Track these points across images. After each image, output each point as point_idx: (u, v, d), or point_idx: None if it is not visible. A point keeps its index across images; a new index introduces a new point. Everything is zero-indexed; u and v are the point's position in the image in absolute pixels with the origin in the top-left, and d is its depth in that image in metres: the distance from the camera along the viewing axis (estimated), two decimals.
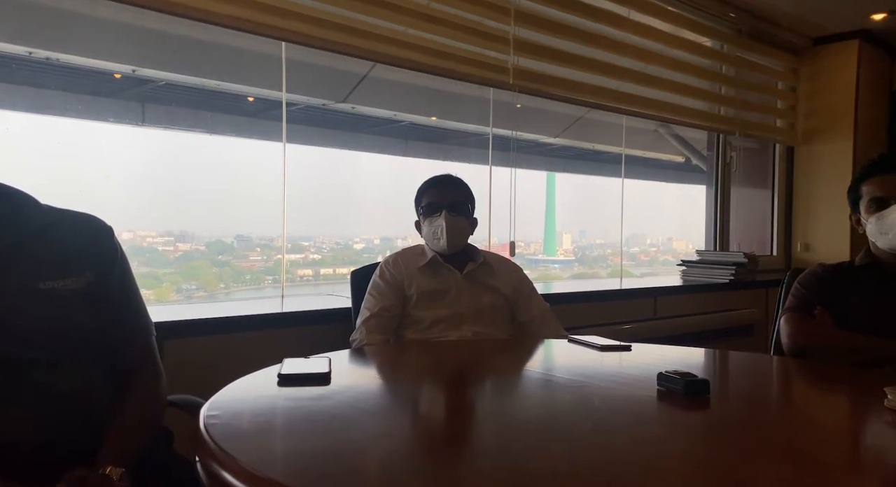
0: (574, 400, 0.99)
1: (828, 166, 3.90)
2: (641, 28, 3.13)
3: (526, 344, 1.66)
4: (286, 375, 1.04)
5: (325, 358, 1.16)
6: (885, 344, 1.50)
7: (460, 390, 1.16)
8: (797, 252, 4.08)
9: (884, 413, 0.89)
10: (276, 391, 0.99)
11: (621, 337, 2.69)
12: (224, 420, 0.82)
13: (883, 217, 1.59)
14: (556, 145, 5.11)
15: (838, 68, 3.87)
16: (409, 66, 2.41)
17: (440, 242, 1.74)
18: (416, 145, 4.71)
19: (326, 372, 1.07)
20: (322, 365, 1.10)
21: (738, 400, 1.01)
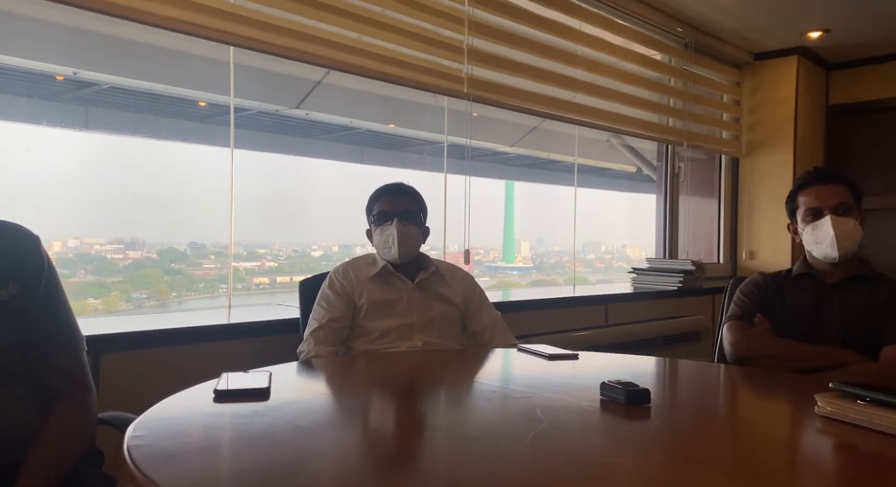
0: (517, 412, 0.99)
1: (770, 177, 4.06)
2: (593, 40, 3.19)
3: (475, 354, 1.65)
4: (223, 391, 1.00)
5: (265, 371, 1.13)
6: (819, 350, 1.56)
7: (404, 404, 1.14)
8: (742, 259, 4.22)
9: (815, 420, 0.92)
10: (211, 408, 0.96)
11: (574, 345, 2.73)
12: (149, 440, 0.78)
13: (817, 227, 1.66)
14: (513, 154, 5.17)
15: (778, 83, 4.04)
16: (363, 73, 2.39)
17: (391, 251, 1.72)
18: (373, 152, 4.68)
19: (265, 386, 1.04)
20: (262, 379, 1.07)
21: (677, 408, 1.03)
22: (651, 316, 3.24)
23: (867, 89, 4.22)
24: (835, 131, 4.37)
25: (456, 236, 2.84)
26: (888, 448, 0.82)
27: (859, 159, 4.29)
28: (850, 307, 1.62)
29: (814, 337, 1.62)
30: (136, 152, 3.33)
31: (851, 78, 4.28)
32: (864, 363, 1.51)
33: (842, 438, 0.87)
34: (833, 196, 1.67)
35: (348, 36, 2.29)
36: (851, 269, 1.67)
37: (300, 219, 4.15)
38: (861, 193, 1.72)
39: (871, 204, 4.66)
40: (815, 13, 3.43)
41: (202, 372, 1.19)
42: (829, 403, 0.92)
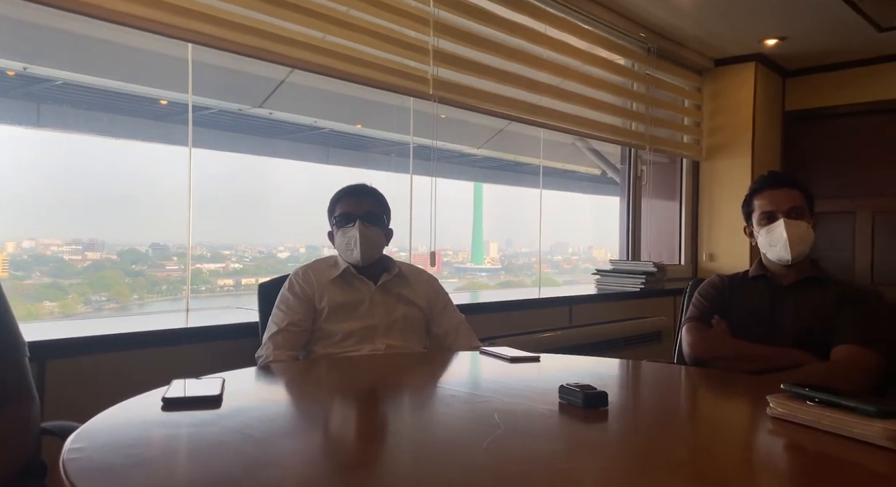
0: (475, 417, 0.98)
1: (729, 180, 4.15)
2: (558, 44, 3.22)
3: (438, 357, 1.64)
4: (171, 399, 0.97)
5: (218, 378, 1.10)
6: (774, 351, 1.60)
7: (362, 410, 1.12)
8: (703, 261, 4.31)
9: (767, 422, 0.94)
10: (158, 417, 0.92)
11: (539, 346, 2.75)
12: (88, 453, 0.75)
13: (771, 230, 1.70)
14: (480, 156, 5.19)
15: (737, 88, 4.15)
16: (328, 73, 2.37)
17: (353, 253, 1.70)
18: (339, 153, 4.64)
19: (217, 394, 1.01)
20: (214, 386, 1.04)
21: (634, 411, 1.04)
22: (614, 317, 3.29)
23: (821, 96, 4.36)
24: (790, 136, 4.51)
25: (424, 238, 2.83)
26: (835, 448, 0.84)
27: (813, 164, 4.43)
28: (802, 308, 1.66)
29: (769, 337, 1.66)
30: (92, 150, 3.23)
31: (806, 85, 4.41)
32: (816, 363, 1.55)
33: (792, 439, 0.89)
34: (786, 200, 1.71)
35: (312, 35, 2.27)
36: (804, 271, 1.72)
37: (266, 219, 4.08)
38: (813, 197, 1.77)
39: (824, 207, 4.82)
40: (772, 21, 3.53)
41: (155, 378, 1.15)
42: (780, 404, 0.94)
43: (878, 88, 4.13)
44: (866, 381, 1.52)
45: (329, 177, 4.72)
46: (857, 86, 4.20)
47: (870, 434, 0.82)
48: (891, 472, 0.78)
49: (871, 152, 4.23)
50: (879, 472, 0.78)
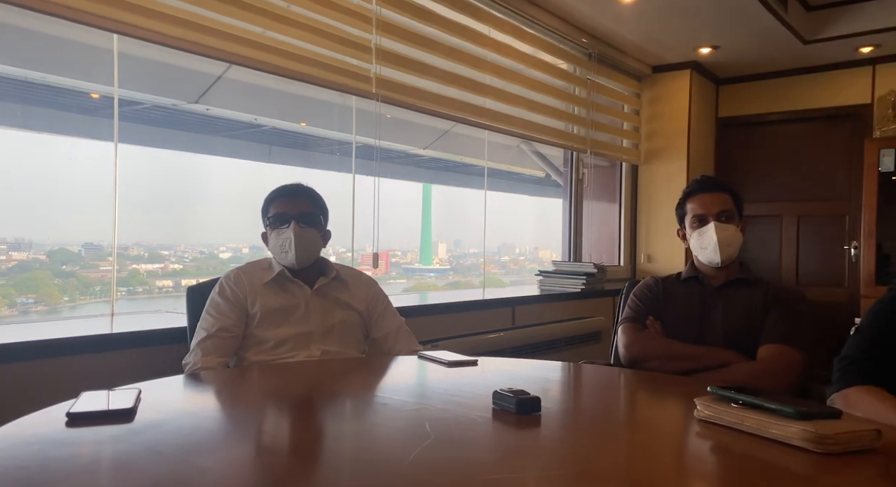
0: (405, 427, 0.96)
1: (666, 184, 4.28)
2: (501, 47, 3.24)
3: (376, 362, 1.61)
4: (77, 413, 0.90)
5: (134, 388, 1.03)
6: (704, 351, 1.65)
7: (287, 420, 1.07)
8: (641, 262, 4.43)
9: (695, 424, 0.95)
10: (61, 434, 0.85)
11: (482, 347, 2.75)
12: None
13: (703, 233, 1.75)
14: (427, 157, 5.17)
15: (674, 95, 4.28)
16: (267, 69, 2.31)
17: (288, 256, 1.65)
18: (281, 151, 4.53)
19: (130, 407, 0.94)
20: (127, 398, 0.97)
21: (566, 415, 1.03)
22: (556, 318, 3.33)
23: (751, 104, 4.56)
24: (723, 142, 4.69)
25: (369, 239, 2.79)
26: (758, 450, 0.86)
27: (745, 169, 4.63)
28: (731, 309, 1.71)
29: (700, 338, 1.70)
30: (14, 145, 3.03)
31: (738, 93, 4.60)
32: (744, 362, 1.60)
33: (718, 441, 0.91)
34: (717, 203, 1.76)
35: (250, 30, 2.20)
36: (733, 273, 1.77)
37: (207, 219, 3.95)
38: (742, 201, 1.83)
39: (754, 210, 5.06)
40: (706, 30, 3.66)
41: (72, 389, 1.07)
42: (706, 407, 0.96)
43: (803, 98, 4.35)
44: (791, 379, 1.58)
45: (272, 175, 4.60)
46: (784, 95, 4.42)
47: (788, 436, 0.84)
48: (808, 473, 0.80)
49: (797, 159, 4.45)
50: (798, 473, 0.80)
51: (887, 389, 1.05)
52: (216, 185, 3.94)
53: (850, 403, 1.05)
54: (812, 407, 0.87)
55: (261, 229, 1.75)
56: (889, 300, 1.14)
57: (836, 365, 1.11)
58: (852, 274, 4.15)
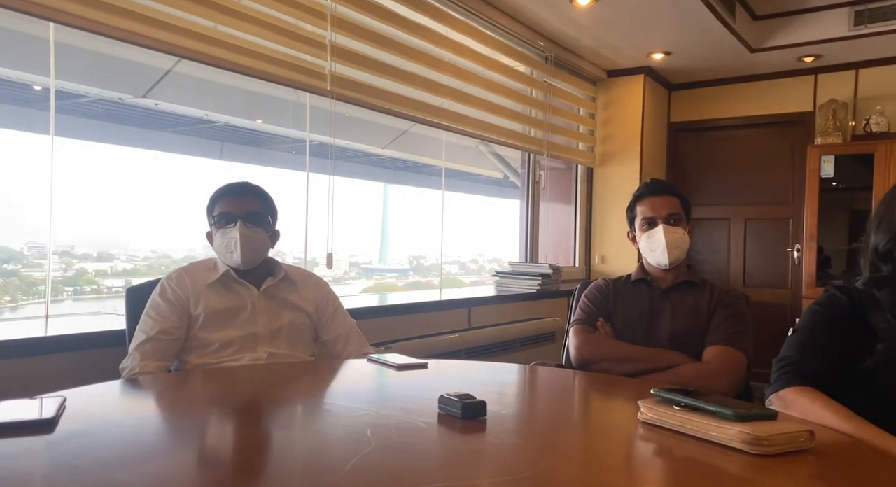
0: (346, 434, 0.93)
1: (620, 187, 4.36)
2: (459, 47, 3.24)
3: (323, 366, 1.57)
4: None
5: (58, 396, 0.97)
6: (652, 353, 1.67)
7: (222, 428, 1.03)
8: (595, 263, 4.50)
9: (639, 427, 0.96)
10: None
11: (437, 349, 2.74)
12: None
13: (651, 235, 1.78)
14: (385, 156, 5.14)
15: (628, 99, 4.36)
16: (218, 64, 2.24)
17: (233, 256, 1.60)
18: (234, 148, 4.42)
19: (52, 416, 0.89)
20: (49, 407, 0.91)
21: (512, 419, 1.02)
22: (511, 318, 3.35)
23: (701, 109, 4.68)
24: (675, 146, 4.81)
25: (336, 240, 2.75)
26: (698, 452, 0.87)
27: (695, 173, 4.76)
28: (678, 311, 1.75)
29: (648, 339, 1.73)
30: None
31: (689, 98, 4.73)
32: (690, 364, 1.63)
33: (660, 444, 0.91)
34: (666, 207, 1.79)
35: (201, 24, 2.13)
36: (680, 275, 1.81)
37: (158, 217, 3.82)
38: (690, 205, 1.87)
39: (704, 213, 5.18)
40: (659, 37, 3.74)
41: (5, 395, 1.00)
42: (650, 409, 0.97)
43: (751, 105, 4.49)
44: (736, 379, 1.62)
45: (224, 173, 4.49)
46: (733, 101, 4.56)
47: (727, 438, 0.86)
48: (746, 474, 0.81)
49: (744, 164, 4.60)
50: (736, 475, 0.82)
51: (823, 389, 1.08)
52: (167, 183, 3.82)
53: (786, 404, 1.08)
54: (750, 409, 0.88)
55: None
56: (825, 302, 1.18)
57: (774, 366, 1.14)
58: (795, 275, 4.31)
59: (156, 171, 3.82)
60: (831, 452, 0.89)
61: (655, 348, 1.69)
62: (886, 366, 1.06)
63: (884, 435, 0.95)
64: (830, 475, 0.84)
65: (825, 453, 0.87)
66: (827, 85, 4.23)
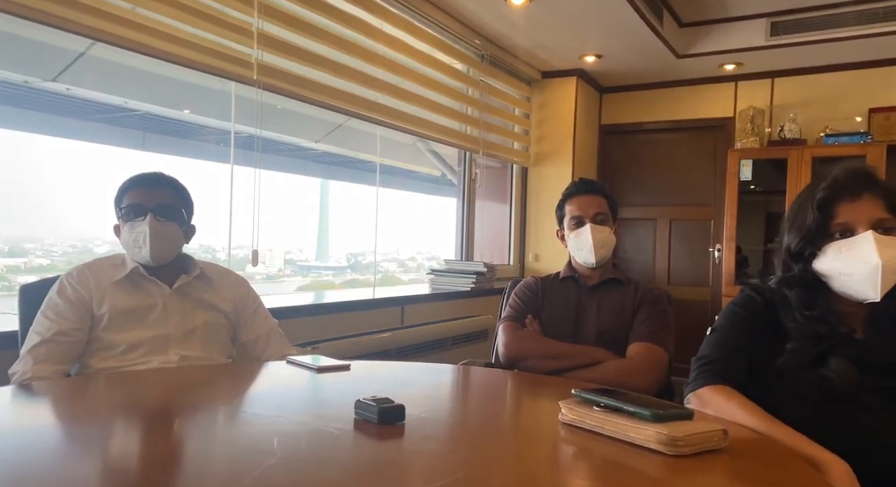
0: (250, 443, 0.87)
1: (553, 186, 4.42)
2: (395, 42, 3.18)
3: (239, 369, 1.49)
4: None
5: None
6: (578, 350, 1.68)
7: (115, 439, 0.94)
8: (529, 261, 4.55)
9: (559, 428, 0.95)
10: None
11: (369, 348, 2.68)
12: None
13: (579, 234, 1.79)
14: (320, 151, 5.01)
15: (561, 100, 4.43)
16: (137, 48, 2.11)
17: (142, 252, 1.49)
18: (157, 139, 4.20)
19: None
20: None
21: (432, 424, 0.98)
22: (445, 317, 3.33)
23: (630, 113, 4.82)
24: (605, 148, 4.93)
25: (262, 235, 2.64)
26: (617, 454, 0.86)
27: (624, 174, 4.89)
28: (604, 308, 1.77)
29: (575, 336, 1.75)
30: None
31: (619, 101, 4.85)
32: (614, 360, 1.66)
33: (580, 445, 0.90)
34: (593, 206, 1.81)
35: (117, 5, 2.00)
36: (606, 273, 1.83)
37: (79, 209, 3.58)
38: (617, 205, 1.89)
39: (632, 214, 5.33)
40: (590, 39, 3.81)
41: None
42: (570, 410, 0.96)
43: (677, 109, 4.66)
44: (658, 376, 1.66)
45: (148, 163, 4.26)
46: (660, 105, 4.71)
47: (645, 439, 0.86)
48: (662, 475, 0.81)
49: (670, 166, 4.76)
50: (653, 476, 0.81)
51: (740, 387, 1.10)
52: (85, 173, 3.59)
53: (703, 402, 1.10)
54: (667, 410, 0.89)
55: None
56: (740, 301, 1.21)
57: (693, 365, 1.16)
58: (716, 274, 4.50)
59: (72, 161, 3.58)
60: (744, 450, 0.90)
61: (581, 345, 1.70)
62: (795, 364, 1.10)
63: (792, 433, 0.97)
64: (743, 473, 0.85)
65: (738, 451, 0.89)
66: (746, 92, 4.43)
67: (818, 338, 1.10)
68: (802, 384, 1.08)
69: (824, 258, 1.11)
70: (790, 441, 0.96)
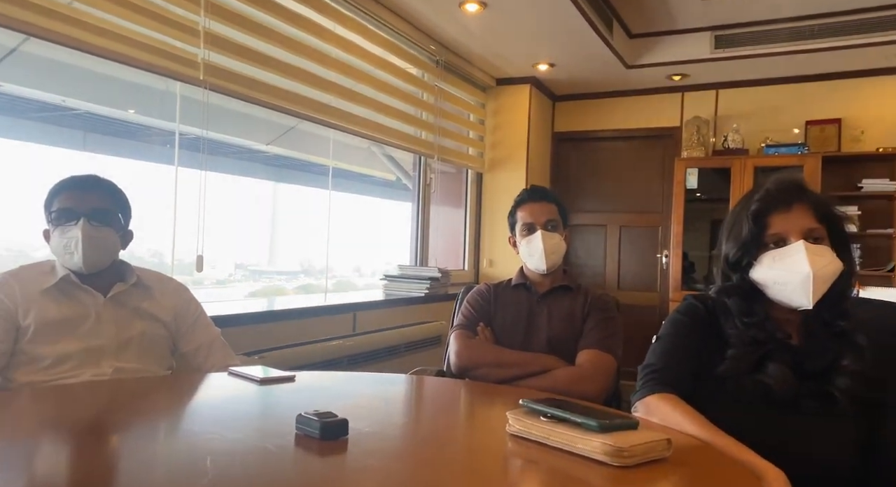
0: (181, 463, 0.82)
1: (507, 192, 4.45)
2: (348, 45, 3.14)
3: (177, 381, 1.42)
4: None
5: None
6: (529, 357, 1.68)
7: (44, 459, 0.88)
8: (484, 267, 4.57)
9: (507, 440, 0.93)
10: None
11: (319, 357, 2.62)
12: None
13: (531, 241, 1.80)
14: (271, 154, 4.91)
15: (515, 107, 4.47)
16: (74, 45, 2.02)
17: (73, 258, 1.41)
18: (99, 139, 4.03)
19: None
20: None
21: (377, 438, 0.95)
22: (398, 323, 3.29)
23: (583, 121, 4.90)
24: (558, 155, 5.00)
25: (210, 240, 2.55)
26: (563, 465, 0.85)
27: (577, 181, 4.97)
28: (554, 315, 1.78)
29: (526, 344, 1.74)
30: None
31: (571, 109, 4.93)
32: (564, 368, 1.66)
33: (526, 457, 0.89)
34: (544, 213, 1.82)
35: None
36: (557, 280, 1.84)
37: (15, 212, 3.39)
38: (567, 212, 1.91)
39: (583, 220, 5.40)
40: (543, 48, 3.85)
41: None
42: (517, 421, 0.95)
43: (627, 118, 4.76)
44: (607, 382, 1.67)
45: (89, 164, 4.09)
46: (611, 114, 4.81)
47: (590, 450, 0.85)
48: None
49: (620, 174, 4.86)
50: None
51: (686, 395, 1.12)
52: (20, 174, 3.40)
53: (649, 410, 1.11)
54: (612, 420, 0.89)
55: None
56: (684, 310, 1.23)
57: (640, 374, 1.17)
58: (663, 280, 4.62)
59: (5, 161, 3.40)
60: (687, 459, 0.91)
61: (532, 353, 1.70)
62: (735, 371, 1.12)
63: (732, 442, 0.99)
64: (685, 483, 0.86)
65: (681, 461, 0.89)
66: (692, 103, 4.57)
67: (757, 344, 1.12)
68: (743, 390, 1.10)
69: (760, 267, 1.14)
70: (730, 450, 0.97)
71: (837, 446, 1.07)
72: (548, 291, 1.82)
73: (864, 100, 4.13)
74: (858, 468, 1.08)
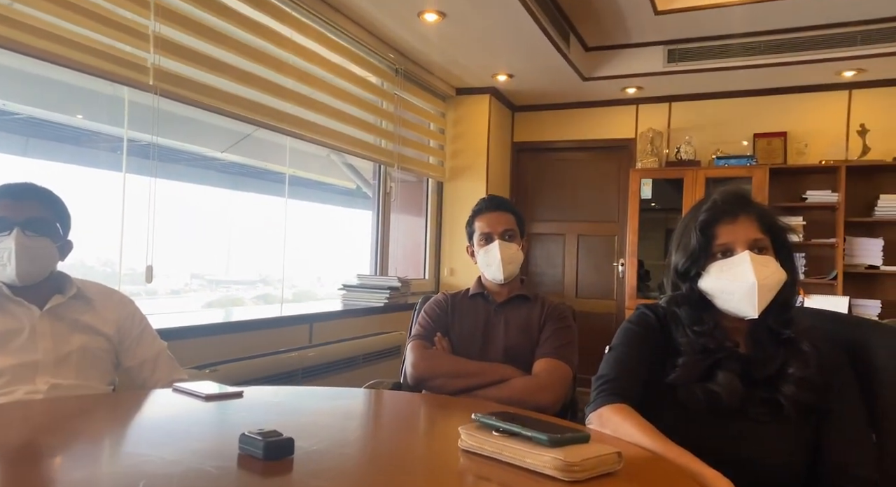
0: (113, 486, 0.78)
1: (467, 201, 4.45)
2: (305, 52, 3.10)
3: (118, 399, 1.36)
4: None
5: None
6: (486, 367, 1.67)
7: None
8: (444, 275, 4.56)
9: (459, 455, 0.91)
10: None
11: (271, 370, 2.55)
12: None
13: (488, 251, 1.79)
14: (227, 161, 4.81)
15: (475, 117, 4.49)
16: (13, 47, 1.94)
17: (7, 269, 1.34)
18: (42, 145, 3.87)
19: None
20: None
21: (324, 456, 0.91)
22: (357, 334, 3.24)
23: (541, 131, 4.96)
24: (517, 165, 5.04)
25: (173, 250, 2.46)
26: (515, 481, 0.84)
27: (535, 191, 5.02)
28: (511, 325, 1.77)
29: (484, 353, 1.73)
30: None
31: (530, 120, 4.99)
32: (521, 378, 1.66)
33: (478, 473, 0.87)
34: (501, 223, 1.82)
35: None
36: (514, 290, 1.84)
37: None
38: (524, 222, 1.91)
39: (542, 229, 5.46)
40: (502, 59, 3.89)
41: None
42: (469, 436, 0.93)
43: (584, 129, 4.84)
44: (563, 392, 1.67)
45: (31, 171, 3.92)
46: (568, 125, 4.88)
47: (540, 465, 0.84)
48: None
49: (578, 184, 4.94)
50: None
51: (639, 405, 1.12)
52: None
53: (602, 421, 1.11)
54: (564, 434, 0.88)
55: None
56: (636, 320, 1.24)
57: (593, 385, 1.17)
58: (620, 287, 4.69)
59: None
60: (637, 472, 0.91)
61: (489, 362, 1.69)
62: (685, 379, 1.13)
63: (681, 452, 1.00)
64: None
65: (632, 473, 0.89)
66: (646, 115, 4.68)
67: (707, 353, 1.14)
68: (693, 398, 1.12)
69: (708, 277, 1.16)
70: (681, 461, 0.98)
71: (785, 451, 1.09)
72: (505, 301, 1.82)
73: (808, 114, 4.31)
74: (805, 472, 1.10)
